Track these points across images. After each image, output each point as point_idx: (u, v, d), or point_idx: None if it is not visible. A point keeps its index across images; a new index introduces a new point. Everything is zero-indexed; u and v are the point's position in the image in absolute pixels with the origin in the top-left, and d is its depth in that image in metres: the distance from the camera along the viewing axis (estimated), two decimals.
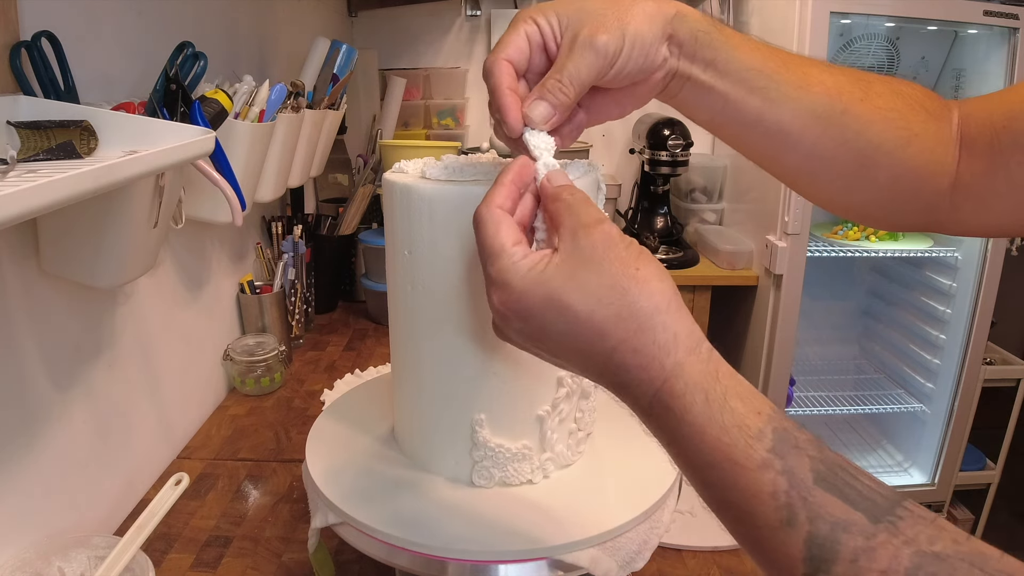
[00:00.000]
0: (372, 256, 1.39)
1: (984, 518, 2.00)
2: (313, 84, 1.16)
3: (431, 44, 2.12)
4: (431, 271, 0.52)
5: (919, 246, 1.77)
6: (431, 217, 0.50)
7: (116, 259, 0.67)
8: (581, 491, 0.55)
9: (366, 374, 1.13)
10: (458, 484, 0.55)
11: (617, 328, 0.34)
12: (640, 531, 0.52)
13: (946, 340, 1.81)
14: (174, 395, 0.94)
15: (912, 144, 0.46)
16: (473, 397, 0.53)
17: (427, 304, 0.53)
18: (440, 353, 0.53)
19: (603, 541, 0.50)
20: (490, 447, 0.54)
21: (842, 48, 1.69)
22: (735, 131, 0.48)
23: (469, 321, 0.51)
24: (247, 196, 0.89)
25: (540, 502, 0.54)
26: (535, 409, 0.54)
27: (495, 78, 0.43)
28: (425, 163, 0.55)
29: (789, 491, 0.29)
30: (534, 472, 0.55)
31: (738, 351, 1.92)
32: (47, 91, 0.60)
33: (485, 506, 0.53)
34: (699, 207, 2.09)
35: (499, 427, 0.54)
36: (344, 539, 0.53)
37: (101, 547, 0.63)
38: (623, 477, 0.57)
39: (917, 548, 0.27)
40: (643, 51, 0.43)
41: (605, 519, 0.51)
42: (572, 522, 0.51)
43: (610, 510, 0.52)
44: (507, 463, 0.54)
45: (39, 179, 0.43)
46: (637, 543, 0.51)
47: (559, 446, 0.56)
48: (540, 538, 0.49)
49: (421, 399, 0.56)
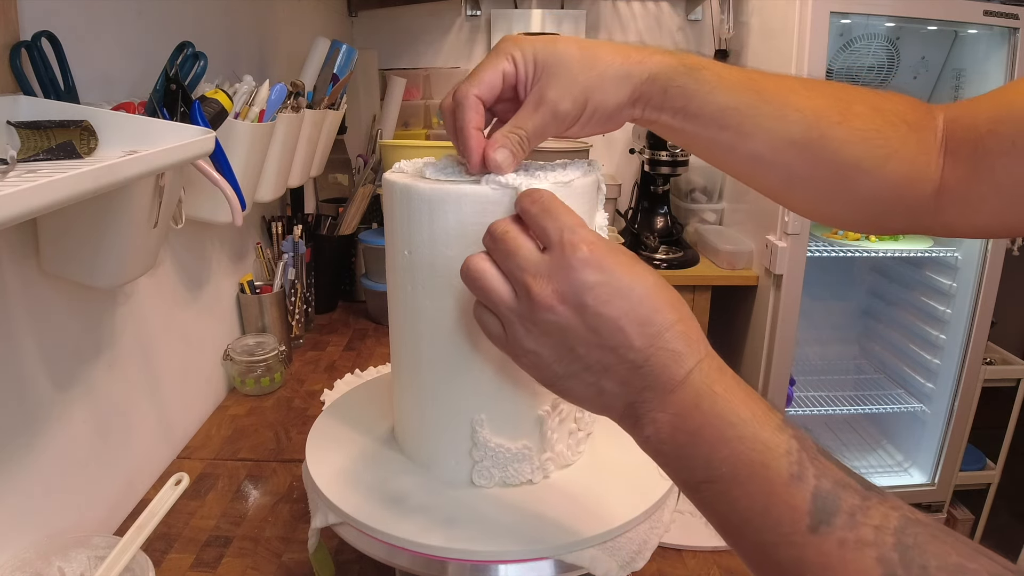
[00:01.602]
0: (372, 256, 1.39)
1: (984, 518, 2.00)
2: (313, 84, 1.16)
3: (431, 44, 2.12)
4: (431, 271, 0.52)
5: (919, 246, 1.77)
6: (431, 217, 0.50)
7: (116, 259, 0.67)
8: (582, 491, 0.55)
9: (366, 374, 1.13)
10: (458, 484, 0.55)
11: (677, 308, 0.38)
12: (640, 531, 0.52)
13: (946, 340, 1.81)
14: (174, 395, 0.94)
15: (891, 160, 0.47)
16: (473, 397, 0.53)
17: (427, 304, 0.53)
18: (440, 353, 0.54)
19: (603, 541, 0.50)
20: (490, 447, 0.53)
21: (842, 48, 1.69)
22: (707, 157, 0.50)
23: (469, 321, 0.51)
24: (247, 196, 0.89)
25: (540, 502, 0.53)
26: (535, 409, 0.54)
27: (465, 114, 0.46)
28: (424, 163, 0.55)
29: (800, 451, 0.33)
30: (534, 472, 0.55)
31: (738, 351, 1.92)
32: (47, 91, 0.60)
33: (485, 506, 0.53)
34: (699, 207, 2.09)
35: (499, 427, 0.54)
36: (344, 539, 0.53)
37: (101, 547, 0.63)
38: (623, 477, 0.57)
39: (902, 513, 0.30)
40: (605, 115, 0.47)
41: (606, 519, 0.51)
42: (573, 522, 0.51)
43: (611, 510, 0.52)
44: (507, 463, 0.54)
45: (39, 179, 0.43)
46: (637, 543, 0.51)
47: (559, 446, 0.56)
48: (540, 538, 0.49)
49: (421, 399, 0.56)
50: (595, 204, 0.53)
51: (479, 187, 0.48)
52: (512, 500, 0.54)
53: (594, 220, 0.53)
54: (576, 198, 0.49)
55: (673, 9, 2.11)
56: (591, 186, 0.51)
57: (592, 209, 0.53)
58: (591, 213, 0.53)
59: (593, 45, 0.46)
